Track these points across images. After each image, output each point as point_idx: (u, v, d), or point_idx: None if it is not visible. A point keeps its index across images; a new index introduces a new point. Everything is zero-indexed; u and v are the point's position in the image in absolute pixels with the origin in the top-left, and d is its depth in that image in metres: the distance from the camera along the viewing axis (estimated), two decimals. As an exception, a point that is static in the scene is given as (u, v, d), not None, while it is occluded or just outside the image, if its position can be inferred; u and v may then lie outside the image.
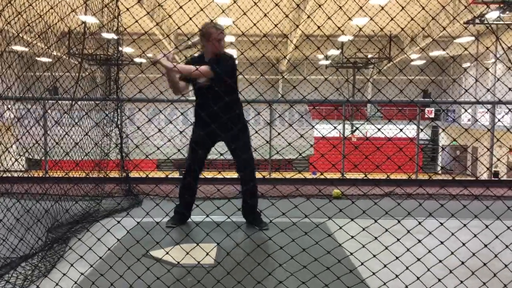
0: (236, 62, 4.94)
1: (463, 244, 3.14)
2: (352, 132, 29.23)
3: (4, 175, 4.44)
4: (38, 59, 4.48)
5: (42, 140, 7.51)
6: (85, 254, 3.24)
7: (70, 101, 5.81)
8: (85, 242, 3.40)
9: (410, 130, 5.09)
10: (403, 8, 3.28)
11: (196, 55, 5.07)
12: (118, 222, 3.31)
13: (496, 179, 8.89)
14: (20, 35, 3.89)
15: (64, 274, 3.13)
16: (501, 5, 17.82)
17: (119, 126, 6.52)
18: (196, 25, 3.77)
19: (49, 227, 4.40)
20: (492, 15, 19.27)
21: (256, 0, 3.24)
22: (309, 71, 35.13)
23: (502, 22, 19.59)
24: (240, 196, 5.11)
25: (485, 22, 19.51)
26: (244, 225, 4.92)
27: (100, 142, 5.96)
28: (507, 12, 18.50)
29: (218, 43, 4.70)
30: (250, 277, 3.19)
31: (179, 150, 4.41)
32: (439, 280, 3.06)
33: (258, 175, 4.96)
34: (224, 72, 4.62)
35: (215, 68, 4.60)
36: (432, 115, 36.03)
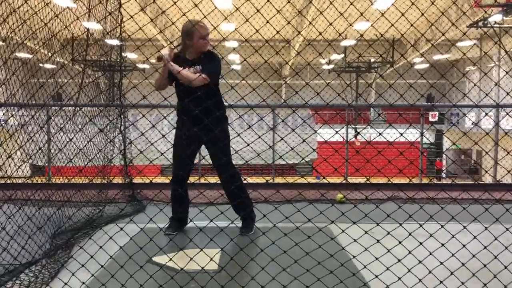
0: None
1: (464, 246, 3.16)
2: (355, 136, 29.25)
3: (8, 182, 4.47)
4: (41, 65, 4.52)
5: (45, 147, 7.55)
6: (87, 262, 3.25)
7: (74, 108, 5.84)
8: (88, 250, 3.41)
9: (413, 134, 5.10)
10: (402, 14, 3.30)
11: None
12: (121, 229, 3.34)
13: (495, 182, 8.90)
14: (24, 42, 3.93)
15: (65, 283, 3.15)
16: (504, 9, 17.84)
17: (123, 132, 6.55)
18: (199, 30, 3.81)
19: (52, 234, 4.41)
20: (495, 18, 19.29)
21: (258, 6, 3.28)
22: (311, 75, 35.17)
23: (505, 26, 19.61)
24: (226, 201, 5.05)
25: (488, 25, 19.52)
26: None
27: (103, 148, 5.99)
28: (510, 16, 18.51)
29: (203, 41, 4.60)
30: (254, 282, 3.21)
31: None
32: (441, 282, 3.08)
33: (261, 179, 4.93)
34: (217, 73, 4.67)
35: (212, 71, 4.58)
36: (436, 119, 36.00)
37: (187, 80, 4.46)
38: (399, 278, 3.07)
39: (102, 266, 3.30)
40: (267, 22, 2.97)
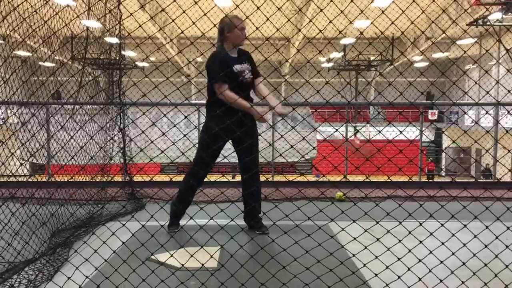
0: None
1: (464, 245, 3.16)
2: (354, 134, 29.25)
3: (9, 180, 4.48)
4: (41, 64, 4.52)
5: (46, 145, 7.54)
6: (90, 257, 3.26)
7: (74, 106, 5.84)
8: (90, 245, 3.42)
9: (413, 132, 5.09)
10: (403, 12, 3.30)
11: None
12: (123, 225, 3.34)
13: (496, 180, 8.90)
14: (24, 40, 3.93)
15: (68, 278, 3.16)
16: (503, 7, 17.85)
17: (123, 130, 6.55)
18: (199, 28, 3.80)
19: (54, 231, 4.42)
20: (495, 16, 19.31)
21: (258, 4, 3.28)
22: (311, 73, 35.15)
23: (504, 24, 19.61)
24: (241, 199, 5.04)
25: (488, 23, 19.53)
26: (246, 228, 4.92)
27: (104, 146, 5.99)
28: (510, 14, 18.52)
29: (242, 32, 4.61)
30: (253, 279, 3.21)
31: (183, 153, 4.44)
32: (441, 280, 3.08)
33: (261, 177, 4.92)
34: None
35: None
36: (435, 117, 36.04)
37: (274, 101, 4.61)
38: (399, 277, 3.07)
39: (105, 261, 3.31)
40: (267, 19, 2.97)
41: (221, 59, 4.60)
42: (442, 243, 3.13)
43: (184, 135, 3.78)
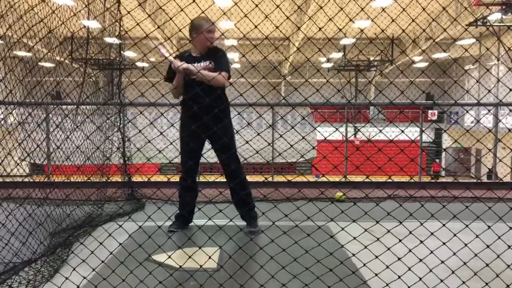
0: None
1: (465, 245, 3.13)
2: (355, 134, 29.23)
3: (7, 180, 4.45)
4: (40, 63, 4.49)
5: (44, 145, 7.51)
6: (88, 258, 3.24)
7: (74, 106, 5.82)
8: (88, 247, 3.40)
9: (412, 132, 5.07)
10: (403, 9, 3.27)
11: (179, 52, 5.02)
12: (120, 226, 3.31)
13: (498, 181, 8.88)
14: (21, 39, 3.90)
15: (66, 278, 3.13)
16: (503, 7, 17.84)
17: (121, 130, 6.52)
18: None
19: (52, 232, 4.40)
20: (494, 16, 19.32)
21: (257, 2, 3.24)
22: (311, 73, 35.15)
23: (504, 24, 19.62)
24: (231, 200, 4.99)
25: (487, 24, 19.54)
26: (245, 228, 4.89)
27: (102, 146, 5.96)
28: (509, 14, 18.52)
29: (208, 34, 4.65)
30: (253, 280, 3.18)
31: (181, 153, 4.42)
32: (442, 280, 3.05)
33: (261, 178, 4.91)
34: (228, 69, 4.76)
35: (228, 70, 4.72)
36: (435, 117, 36.06)
37: (212, 80, 4.54)
38: (399, 277, 3.05)
39: (102, 262, 3.28)
40: (266, 17, 2.94)
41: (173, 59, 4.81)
42: (444, 243, 3.11)
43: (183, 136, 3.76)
